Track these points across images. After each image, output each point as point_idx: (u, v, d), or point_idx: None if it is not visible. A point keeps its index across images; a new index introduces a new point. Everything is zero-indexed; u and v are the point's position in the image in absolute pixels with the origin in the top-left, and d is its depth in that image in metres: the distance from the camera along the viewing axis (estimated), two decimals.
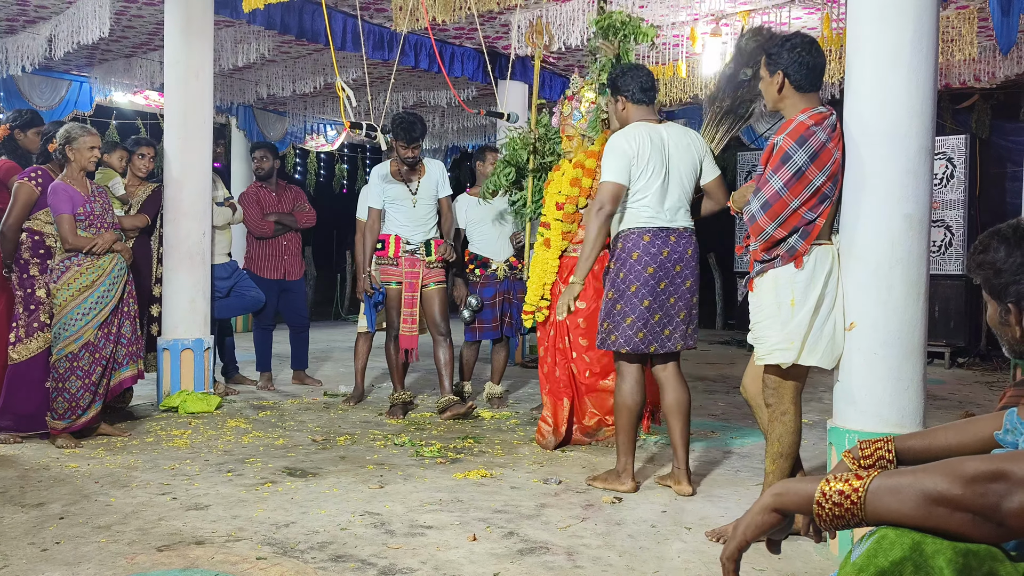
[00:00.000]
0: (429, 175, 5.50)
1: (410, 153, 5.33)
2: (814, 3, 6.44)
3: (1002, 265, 1.54)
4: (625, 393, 3.83)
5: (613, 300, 3.80)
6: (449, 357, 5.45)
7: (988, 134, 9.08)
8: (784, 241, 3.02)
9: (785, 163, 2.96)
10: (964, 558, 1.22)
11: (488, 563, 2.91)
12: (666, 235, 3.77)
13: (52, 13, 6.87)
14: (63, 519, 3.32)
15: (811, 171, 2.95)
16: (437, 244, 5.50)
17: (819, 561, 2.99)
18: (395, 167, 5.46)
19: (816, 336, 3.03)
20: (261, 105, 10.75)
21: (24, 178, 4.74)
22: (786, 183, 2.96)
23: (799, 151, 2.95)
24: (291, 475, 4.03)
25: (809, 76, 3.07)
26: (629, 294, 3.74)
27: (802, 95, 3.09)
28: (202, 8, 5.80)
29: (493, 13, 6.39)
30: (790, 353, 3.03)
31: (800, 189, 2.96)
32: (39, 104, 8.70)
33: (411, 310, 5.42)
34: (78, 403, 4.61)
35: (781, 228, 3.00)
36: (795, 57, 3.04)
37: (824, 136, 2.97)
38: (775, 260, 3.05)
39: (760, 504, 1.37)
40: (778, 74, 3.09)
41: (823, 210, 3.01)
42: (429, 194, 5.48)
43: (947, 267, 8.60)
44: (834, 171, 2.99)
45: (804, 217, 2.99)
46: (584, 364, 4.61)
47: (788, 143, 2.97)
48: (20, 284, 4.72)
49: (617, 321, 3.77)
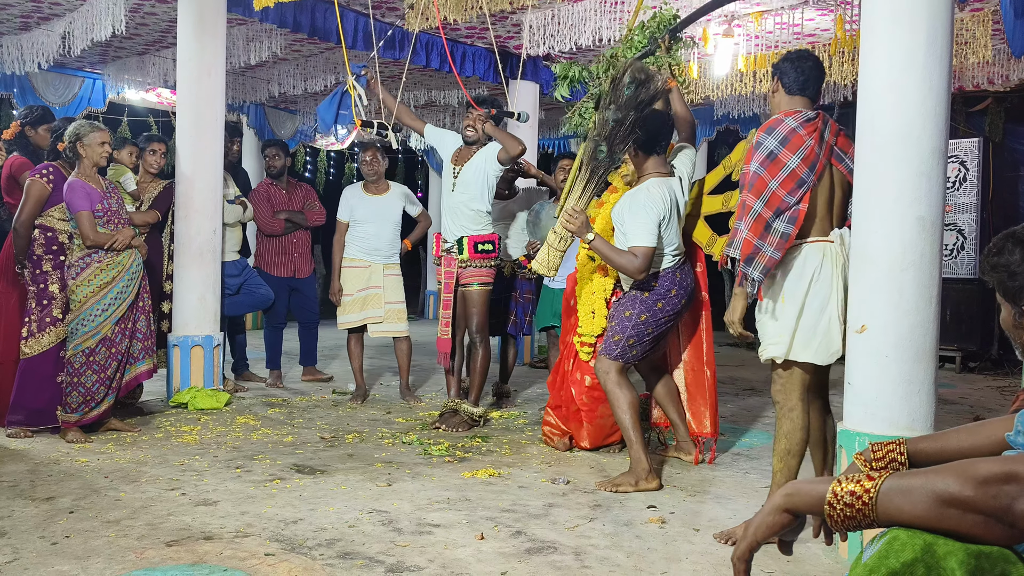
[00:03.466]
0: (475, 160, 5.11)
1: (472, 126, 5.09)
2: (827, 4, 6.41)
3: (1016, 268, 1.53)
4: (623, 392, 3.98)
5: (645, 323, 3.98)
6: (475, 365, 5.14)
7: (1001, 137, 9.02)
8: (771, 226, 3.13)
9: (758, 149, 3.18)
10: (976, 560, 1.22)
11: (496, 562, 2.91)
12: (684, 268, 4.09)
13: (66, 10, 6.90)
14: (73, 513, 3.34)
15: (784, 154, 3.14)
16: (471, 241, 5.09)
17: (828, 564, 2.98)
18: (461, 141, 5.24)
19: (808, 333, 3.17)
20: (272, 103, 10.78)
21: (36, 175, 4.76)
22: (761, 164, 3.16)
23: (769, 138, 3.17)
24: (300, 472, 4.04)
25: (797, 80, 3.28)
26: (662, 321, 4.01)
27: (790, 98, 3.29)
28: (215, 6, 5.82)
29: (505, 13, 6.38)
30: (780, 348, 3.20)
31: (776, 171, 3.14)
32: (52, 101, 8.74)
33: (446, 312, 5.14)
34: (93, 397, 4.63)
35: (766, 207, 3.13)
36: (789, 65, 3.30)
37: (795, 124, 3.17)
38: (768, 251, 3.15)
39: (771, 505, 1.37)
40: (775, 79, 3.36)
41: (802, 194, 3.14)
42: (470, 180, 5.08)
43: (959, 271, 8.55)
44: (809, 156, 3.15)
45: (784, 200, 3.12)
46: (583, 388, 4.49)
47: (760, 135, 3.22)
48: (33, 280, 4.74)
49: (645, 341, 4.01)
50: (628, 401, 3.93)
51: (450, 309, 5.13)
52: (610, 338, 4.02)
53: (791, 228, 3.12)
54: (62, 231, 4.78)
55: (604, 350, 4.03)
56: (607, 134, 3.83)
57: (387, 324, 5.93)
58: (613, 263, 3.89)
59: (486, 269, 5.11)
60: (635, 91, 3.79)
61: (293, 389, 6.44)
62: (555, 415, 4.67)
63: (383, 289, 5.92)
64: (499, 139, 5.03)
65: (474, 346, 5.15)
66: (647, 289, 3.99)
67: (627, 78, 3.79)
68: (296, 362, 6.99)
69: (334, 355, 8.12)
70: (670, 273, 4.00)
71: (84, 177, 4.68)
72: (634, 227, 3.85)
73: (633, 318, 3.97)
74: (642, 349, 4.02)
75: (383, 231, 5.93)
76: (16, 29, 7.52)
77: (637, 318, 3.97)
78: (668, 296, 4.00)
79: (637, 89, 3.80)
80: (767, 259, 3.13)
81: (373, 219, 5.91)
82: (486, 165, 5.06)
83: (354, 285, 5.92)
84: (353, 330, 5.99)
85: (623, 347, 3.98)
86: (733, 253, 3.19)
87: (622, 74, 3.82)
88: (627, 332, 3.97)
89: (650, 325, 3.97)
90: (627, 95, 3.79)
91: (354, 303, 5.91)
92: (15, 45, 7.64)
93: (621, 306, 4.04)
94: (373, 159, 5.94)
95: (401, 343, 6.00)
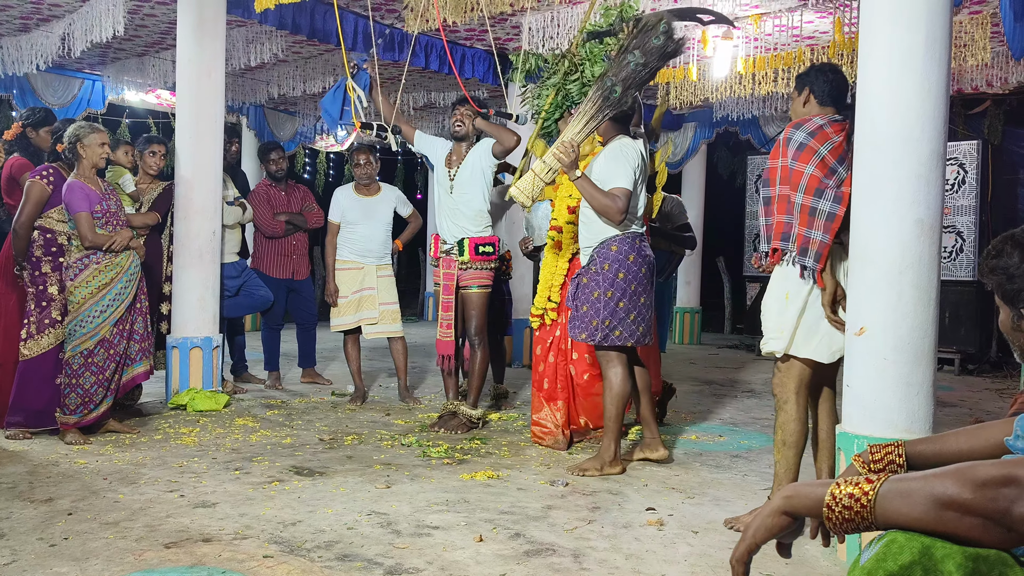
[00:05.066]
0: (470, 159, 5.06)
1: (460, 121, 5.06)
2: (826, 7, 6.42)
3: (1015, 270, 1.53)
4: (619, 382, 4.08)
5: (615, 298, 4.04)
6: (474, 368, 5.09)
7: (1000, 140, 9.03)
8: (816, 209, 3.16)
9: (789, 144, 3.25)
10: (974, 563, 1.22)
11: (494, 564, 2.91)
12: (644, 240, 4.17)
13: (66, 12, 6.90)
14: (71, 515, 3.34)
15: (813, 143, 3.20)
16: (472, 243, 5.03)
17: (827, 566, 2.98)
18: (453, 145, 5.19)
19: (809, 330, 3.23)
20: (272, 105, 10.78)
21: (36, 176, 4.76)
22: (794, 156, 3.21)
23: (798, 132, 3.25)
24: (298, 474, 4.04)
25: (831, 92, 3.36)
26: (630, 292, 4.05)
27: (821, 108, 3.36)
28: (214, 8, 5.82)
29: (504, 15, 6.39)
30: (779, 343, 3.26)
31: (809, 157, 3.19)
32: (52, 102, 8.74)
33: (447, 314, 5.09)
34: (91, 398, 4.63)
35: (805, 194, 3.17)
36: (822, 77, 3.38)
37: (822, 122, 3.25)
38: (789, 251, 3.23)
39: (770, 507, 1.37)
40: (805, 90, 3.40)
41: (839, 179, 3.19)
42: (467, 180, 5.03)
43: (958, 273, 8.56)
44: (837, 150, 3.22)
45: (823, 181, 3.16)
46: (584, 365, 4.70)
47: (788, 131, 3.30)
48: (32, 281, 4.74)
49: (621, 318, 4.06)
50: (619, 392, 4.07)
51: (450, 311, 5.10)
52: (588, 324, 4.08)
53: (837, 207, 3.15)
54: (61, 232, 4.77)
55: (589, 338, 4.11)
56: (625, 76, 3.88)
57: (382, 325, 5.93)
58: (596, 202, 3.96)
59: (486, 271, 5.09)
60: (664, 42, 3.86)
61: (292, 391, 6.43)
62: (549, 407, 4.73)
63: (376, 290, 5.92)
64: (491, 133, 5.03)
65: (473, 348, 5.12)
66: (607, 259, 4.04)
67: (662, 27, 3.84)
68: (295, 364, 6.99)
69: (332, 356, 8.12)
70: (630, 239, 4.07)
71: (83, 178, 4.68)
72: (613, 172, 3.98)
73: (601, 297, 4.05)
74: (625, 329, 4.06)
75: (375, 232, 5.93)
76: (16, 30, 7.52)
77: (604, 295, 4.04)
78: (626, 263, 4.04)
79: (667, 41, 3.87)
80: (817, 244, 3.15)
81: (364, 220, 5.91)
82: (481, 161, 5.04)
83: (348, 287, 5.92)
84: (349, 332, 5.99)
85: (604, 331, 4.05)
86: (782, 246, 3.25)
87: (656, 22, 3.85)
88: (601, 313, 4.04)
89: (617, 300, 4.03)
90: (655, 44, 3.85)
91: (348, 305, 5.91)
92: (14, 46, 7.63)
93: (587, 289, 4.10)
94: (367, 162, 5.95)
95: (396, 344, 6.00)
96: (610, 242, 4.07)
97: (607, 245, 4.07)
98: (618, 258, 4.05)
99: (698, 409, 6.06)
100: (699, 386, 7.17)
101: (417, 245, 6.49)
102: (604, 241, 4.08)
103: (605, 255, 4.07)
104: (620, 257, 4.05)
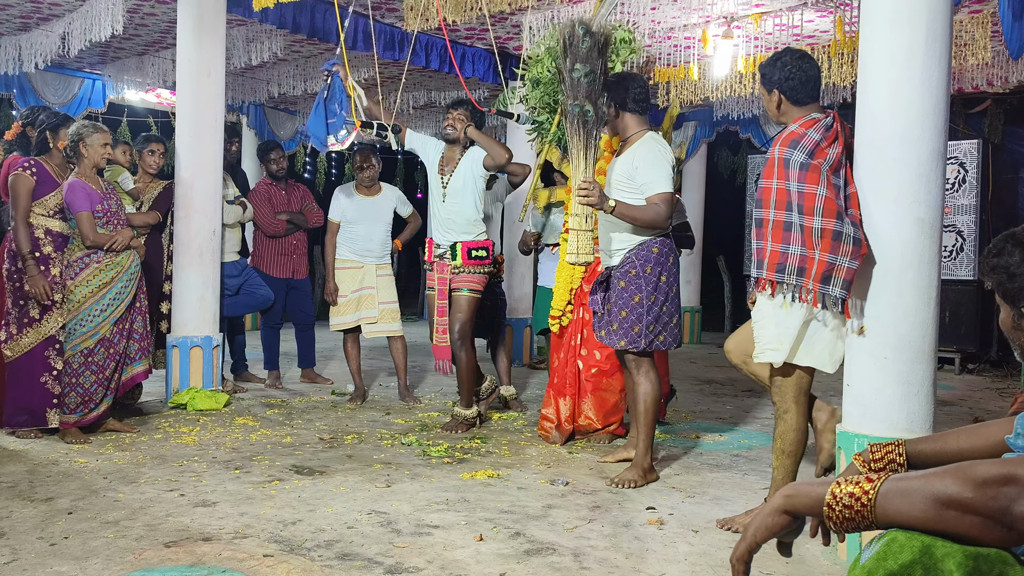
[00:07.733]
0: (461, 166, 5.06)
1: (453, 125, 5.05)
2: (827, 6, 6.41)
3: (1016, 269, 1.53)
4: (654, 388, 3.98)
5: (659, 302, 3.92)
6: (459, 370, 5.02)
7: (1001, 139, 9.02)
8: (841, 234, 2.91)
9: (788, 166, 3.04)
10: (974, 562, 1.22)
11: (494, 563, 2.91)
12: (672, 242, 4.06)
13: (65, 11, 6.89)
14: (71, 514, 3.34)
15: (816, 162, 3.03)
16: (465, 247, 5.00)
17: (827, 565, 2.98)
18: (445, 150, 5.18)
19: (811, 339, 3.13)
20: (272, 104, 10.78)
21: (19, 169, 4.69)
22: (799, 179, 3.01)
23: (795, 152, 3.04)
24: (298, 473, 4.04)
25: (803, 89, 3.20)
26: (672, 295, 3.97)
27: (800, 107, 3.21)
28: (214, 7, 5.82)
29: (504, 14, 6.38)
30: (779, 353, 3.15)
31: (816, 178, 2.99)
32: (52, 101, 8.73)
33: (442, 319, 5.06)
34: (91, 398, 4.63)
35: (825, 218, 2.94)
36: (786, 74, 3.20)
37: (818, 136, 3.07)
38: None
39: (770, 506, 1.37)
40: (774, 92, 3.23)
41: (843, 199, 3.00)
42: (459, 189, 5.03)
43: (958, 272, 8.55)
44: (835, 165, 3.04)
45: (838, 203, 2.96)
46: (593, 360, 4.70)
47: (782, 151, 3.07)
48: (8, 277, 4.66)
49: (665, 322, 3.97)
50: (656, 398, 3.98)
51: (446, 316, 5.07)
52: (629, 331, 3.91)
53: (859, 232, 2.92)
54: (39, 226, 4.69)
55: (631, 344, 3.93)
56: (585, 92, 3.81)
57: (381, 324, 5.93)
58: (640, 222, 3.82)
59: (478, 276, 5.05)
60: (591, 40, 3.81)
61: (292, 390, 6.43)
62: (557, 402, 4.76)
63: (376, 290, 5.92)
64: (483, 145, 4.98)
65: (455, 351, 5.03)
66: (648, 262, 3.90)
67: (579, 31, 3.80)
68: (295, 363, 6.99)
69: (332, 356, 8.12)
70: (669, 240, 3.99)
71: (84, 178, 4.67)
72: (654, 176, 3.84)
73: (643, 301, 3.90)
74: (669, 334, 3.98)
75: (374, 232, 5.93)
76: (15, 29, 7.52)
77: (647, 299, 3.90)
78: (667, 265, 3.95)
79: (592, 38, 3.81)
80: (844, 271, 2.91)
81: (364, 220, 5.91)
82: (473, 170, 5.03)
83: (348, 286, 5.92)
84: (348, 331, 5.99)
85: (648, 336, 3.91)
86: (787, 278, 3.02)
87: (570, 33, 3.81)
88: (644, 319, 3.90)
89: (661, 304, 3.92)
90: (584, 48, 3.80)
91: (348, 304, 5.91)
92: (14, 45, 7.63)
93: (627, 293, 3.92)
94: (369, 165, 5.95)
95: (396, 343, 6.00)
96: (650, 244, 3.92)
97: (647, 247, 3.92)
98: (660, 260, 3.92)
99: (698, 408, 6.06)
100: (699, 385, 7.17)
101: (417, 245, 6.47)
102: (643, 243, 3.93)
103: (647, 258, 3.91)
104: (662, 260, 3.93)
